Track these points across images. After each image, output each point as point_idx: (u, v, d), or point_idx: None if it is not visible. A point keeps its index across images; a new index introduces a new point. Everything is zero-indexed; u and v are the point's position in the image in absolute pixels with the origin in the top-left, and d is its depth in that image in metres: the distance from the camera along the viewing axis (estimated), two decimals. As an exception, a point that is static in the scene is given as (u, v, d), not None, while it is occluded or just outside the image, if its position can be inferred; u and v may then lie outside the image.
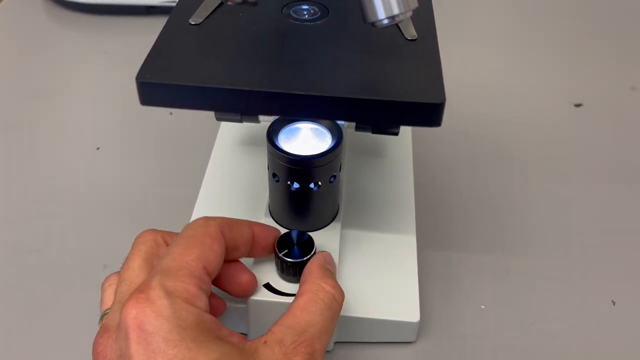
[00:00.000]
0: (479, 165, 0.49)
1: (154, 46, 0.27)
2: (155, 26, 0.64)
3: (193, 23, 0.28)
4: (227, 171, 0.43)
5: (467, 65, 0.60)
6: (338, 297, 0.29)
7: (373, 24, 0.25)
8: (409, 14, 0.25)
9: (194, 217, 0.40)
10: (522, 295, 0.39)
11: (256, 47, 0.27)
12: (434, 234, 0.43)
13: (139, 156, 0.49)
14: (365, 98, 0.24)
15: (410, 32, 0.28)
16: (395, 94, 0.25)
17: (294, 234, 0.34)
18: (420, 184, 0.44)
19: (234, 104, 0.25)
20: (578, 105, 0.56)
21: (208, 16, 0.29)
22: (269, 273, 0.34)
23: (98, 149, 0.49)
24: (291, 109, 0.25)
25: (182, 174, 0.46)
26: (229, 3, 0.23)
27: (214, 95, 0.25)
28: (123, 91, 0.56)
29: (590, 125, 0.54)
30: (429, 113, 0.25)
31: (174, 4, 0.65)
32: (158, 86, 0.25)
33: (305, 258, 0.33)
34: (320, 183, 0.34)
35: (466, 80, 0.58)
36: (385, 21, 0.24)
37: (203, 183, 0.42)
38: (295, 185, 0.34)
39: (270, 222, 0.37)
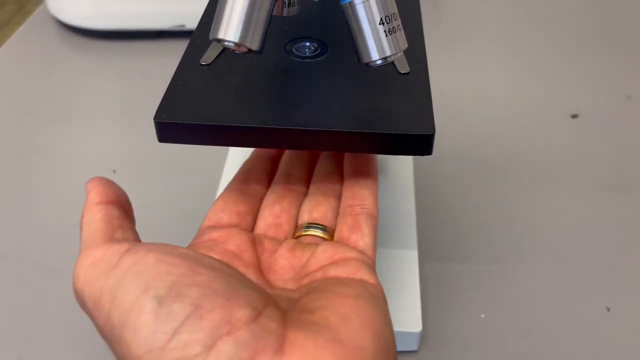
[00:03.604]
0: (476, 176, 0.51)
1: (169, 87, 0.30)
2: (165, 49, 0.68)
3: (204, 63, 0.31)
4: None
5: (463, 78, 0.63)
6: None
7: (367, 65, 0.27)
8: (400, 54, 0.27)
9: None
10: (520, 303, 0.41)
11: (262, 85, 0.30)
12: (435, 246, 0.45)
13: (155, 178, 0.51)
14: (360, 131, 0.27)
15: (403, 66, 0.30)
16: (387, 126, 0.27)
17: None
18: (421, 197, 0.46)
19: (244, 140, 0.27)
20: (575, 117, 0.58)
21: (217, 56, 0.31)
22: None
23: (114, 171, 0.52)
24: (294, 143, 0.27)
25: (197, 195, 0.49)
26: (236, 51, 0.26)
27: (227, 132, 0.27)
28: (136, 114, 0.58)
29: (588, 136, 0.56)
30: (420, 143, 0.27)
31: (183, 29, 0.68)
32: (174, 125, 0.28)
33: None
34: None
35: (463, 92, 0.60)
36: (379, 62, 0.27)
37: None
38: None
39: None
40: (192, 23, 0.67)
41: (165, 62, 0.66)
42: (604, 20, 0.72)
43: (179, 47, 0.67)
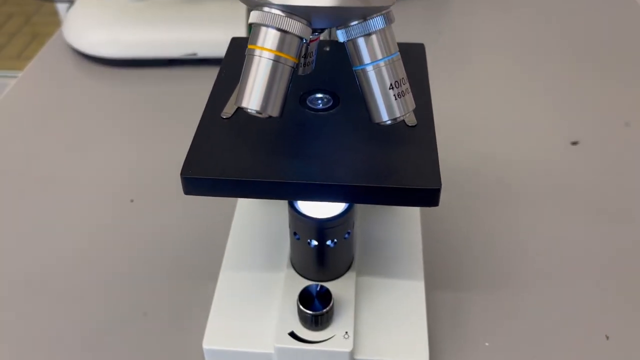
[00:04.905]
0: (480, 204, 0.53)
1: (193, 141, 0.32)
2: (177, 76, 0.70)
3: (224, 117, 0.33)
4: (251, 224, 0.47)
5: (465, 104, 0.64)
6: None
7: (378, 124, 0.30)
8: (409, 114, 0.29)
9: (223, 267, 0.44)
10: (522, 331, 0.43)
11: (280, 139, 0.32)
12: (441, 275, 0.47)
13: (171, 207, 0.53)
14: (372, 185, 0.29)
15: (411, 119, 0.32)
16: (397, 181, 0.29)
17: (313, 288, 0.38)
18: (426, 226, 0.48)
19: (264, 193, 0.30)
20: (575, 143, 0.60)
21: (237, 109, 0.33)
22: (293, 323, 0.39)
23: (132, 201, 0.54)
24: (310, 196, 0.30)
25: (213, 224, 0.51)
26: (258, 115, 0.28)
27: (248, 186, 0.29)
28: (152, 142, 0.60)
29: (588, 163, 0.57)
30: (427, 197, 0.29)
31: (194, 57, 0.70)
32: (199, 180, 0.30)
33: (324, 310, 0.37)
34: (336, 240, 0.39)
35: (464, 119, 0.62)
36: (389, 122, 0.29)
37: (230, 235, 0.47)
38: (314, 242, 0.39)
39: (292, 273, 0.42)
40: (203, 51, 0.69)
41: (178, 89, 0.68)
42: (604, 49, 0.74)
43: (191, 74, 0.70)
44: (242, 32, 0.67)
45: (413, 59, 0.37)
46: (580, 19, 0.79)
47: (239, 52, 0.32)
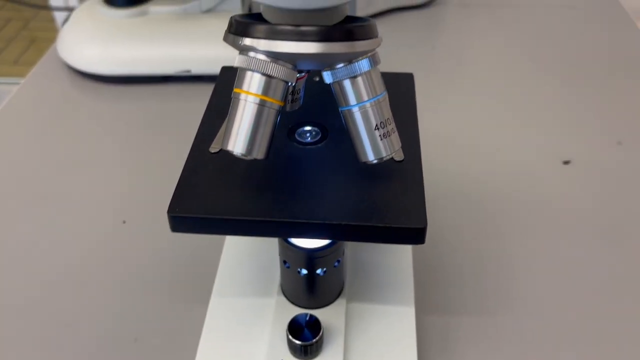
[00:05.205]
0: (470, 225, 0.53)
1: (180, 178, 0.32)
2: (171, 93, 0.70)
3: (213, 151, 0.33)
4: (242, 249, 0.47)
5: (458, 124, 0.65)
6: None
7: (364, 163, 0.30)
8: (394, 154, 0.29)
9: (214, 292, 0.45)
10: (512, 357, 0.43)
11: (267, 174, 0.32)
12: (431, 300, 0.47)
13: (163, 230, 0.53)
14: (358, 224, 0.29)
15: (398, 154, 0.33)
16: (384, 220, 0.29)
17: (302, 318, 0.39)
18: (417, 250, 0.48)
19: (252, 231, 0.30)
20: (567, 163, 0.60)
21: (225, 145, 0.33)
22: (282, 351, 0.39)
23: (124, 222, 0.54)
24: (299, 234, 0.30)
25: (203, 250, 0.51)
26: (242, 157, 0.28)
27: (234, 225, 0.29)
28: (146, 160, 0.60)
29: (580, 183, 0.57)
30: (413, 235, 0.29)
31: (188, 74, 0.70)
32: (186, 219, 0.30)
33: (314, 340, 0.37)
34: (326, 269, 0.39)
35: (456, 136, 0.63)
36: (375, 161, 0.29)
37: (221, 260, 0.47)
38: (304, 271, 0.39)
39: (283, 300, 0.42)
40: (198, 68, 0.69)
41: (172, 106, 0.68)
42: (595, 67, 0.74)
43: (186, 91, 0.70)
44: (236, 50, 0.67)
45: (402, 89, 0.38)
46: (573, 38, 0.80)
47: (228, 81, 0.32)
